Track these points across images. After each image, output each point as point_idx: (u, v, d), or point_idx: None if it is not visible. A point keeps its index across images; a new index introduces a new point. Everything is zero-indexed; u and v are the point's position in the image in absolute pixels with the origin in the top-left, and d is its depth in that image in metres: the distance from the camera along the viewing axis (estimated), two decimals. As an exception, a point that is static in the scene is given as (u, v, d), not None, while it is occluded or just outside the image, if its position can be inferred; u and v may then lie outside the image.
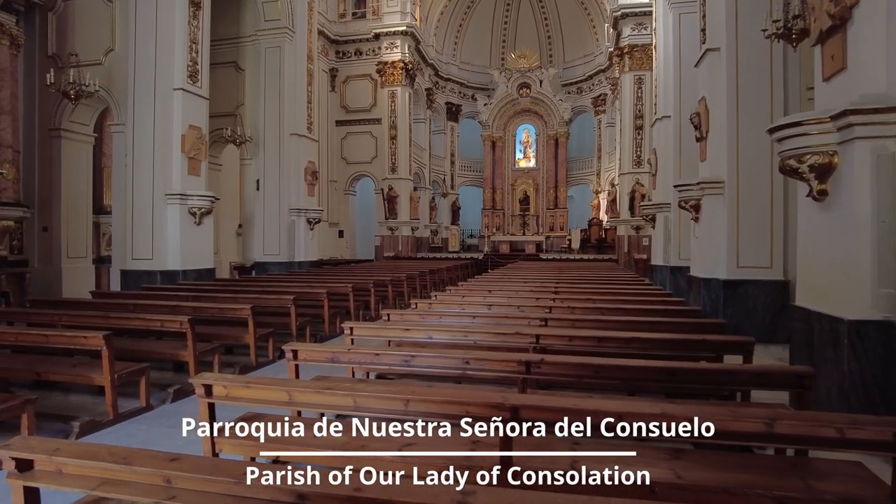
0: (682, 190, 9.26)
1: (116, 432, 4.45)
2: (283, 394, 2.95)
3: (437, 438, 3.06)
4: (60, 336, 4.62)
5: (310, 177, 15.39)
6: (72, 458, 1.98)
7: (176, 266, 10.35)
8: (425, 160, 27.43)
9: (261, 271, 14.63)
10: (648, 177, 21.30)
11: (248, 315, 6.30)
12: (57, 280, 11.77)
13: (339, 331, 8.83)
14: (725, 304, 8.27)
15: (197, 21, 10.94)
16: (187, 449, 4.07)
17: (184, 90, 10.54)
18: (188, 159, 10.61)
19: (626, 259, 21.76)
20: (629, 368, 3.56)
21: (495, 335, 4.75)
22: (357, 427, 3.22)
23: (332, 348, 3.97)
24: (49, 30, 11.65)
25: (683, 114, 12.43)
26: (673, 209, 12.77)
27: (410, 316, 6.01)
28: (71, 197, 12.04)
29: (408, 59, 23.51)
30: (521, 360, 3.62)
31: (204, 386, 3.04)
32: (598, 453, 2.93)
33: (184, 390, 5.34)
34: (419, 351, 3.89)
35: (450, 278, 15.95)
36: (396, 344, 5.21)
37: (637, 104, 21.90)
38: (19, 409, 3.82)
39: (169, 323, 5.47)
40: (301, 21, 15.24)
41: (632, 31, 21.75)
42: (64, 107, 11.64)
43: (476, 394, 2.74)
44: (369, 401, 2.83)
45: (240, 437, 3.13)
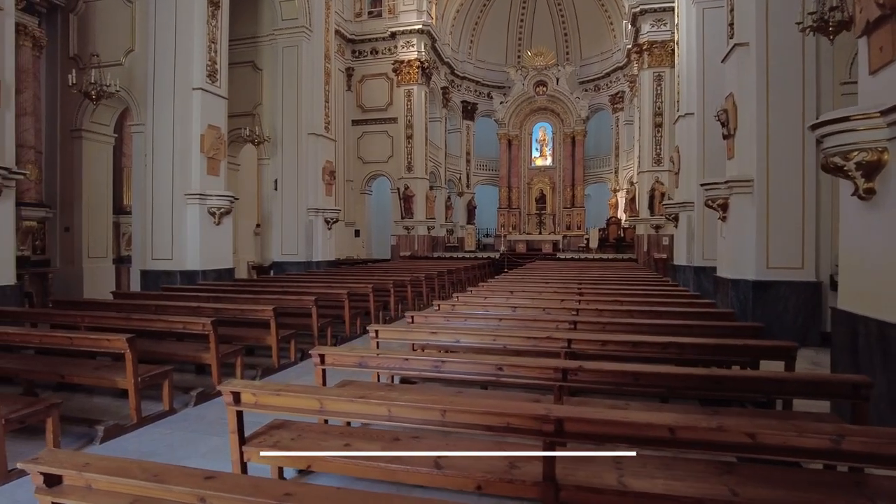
0: (709, 188, 9.03)
1: (140, 437, 4.38)
2: (314, 402, 2.84)
3: (473, 449, 2.95)
4: (84, 338, 4.56)
5: (327, 176, 15.34)
6: (102, 473, 1.88)
7: (195, 266, 10.33)
8: (441, 159, 27.32)
9: (279, 271, 14.60)
10: (669, 175, 21.01)
11: (271, 317, 6.22)
12: (78, 280, 11.82)
13: (360, 332, 8.77)
14: (755, 306, 8.06)
15: (216, 20, 10.92)
16: (213, 456, 4.01)
17: (203, 90, 10.51)
18: (207, 159, 10.59)
19: (645, 259, 21.47)
20: (672, 376, 3.41)
21: (525, 339, 4.61)
22: (390, 437, 3.13)
23: (361, 353, 3.86)
24: (70, 31, 11.69)
25: (707, 111, 12.20)
26: (697, 208, 12.53)
27: (434, 318, 5.89)
28: (92, 197, 12.09)
29: (424, 58, 23.39)
30: (558, 366, 3.48)
31: (232, 393, 2.94)
32: (645, 467, 2.79)
33: (206, 393, 5.27)
34: (449, 356, 3.76)
35: (467, 278, 15.82)
36: (421, 347, 5.10)
37: (657, 101, 21.56)
38: (44, 413, 3.75)
39: (191, 325, 5.40)
40: (318, 20, 15.18)
41: (651, 27, 21.42)
42: (85, 107, 11.69)
43: (517, 405, 2.61)
44: (404, 411, 2.71)
45: (269, 446, 3.03)
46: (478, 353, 4.51)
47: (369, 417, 2.78)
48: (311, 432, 3.22)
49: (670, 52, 21.26)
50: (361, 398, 2.72)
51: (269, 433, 3.19)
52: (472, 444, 3.04)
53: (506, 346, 4.60)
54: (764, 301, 7.97)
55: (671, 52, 21.31)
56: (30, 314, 6.66)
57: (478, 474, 2.70)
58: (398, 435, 3.14)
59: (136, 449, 4.11)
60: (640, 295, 8.07)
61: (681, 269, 13.36)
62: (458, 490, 2.78)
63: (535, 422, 2.54)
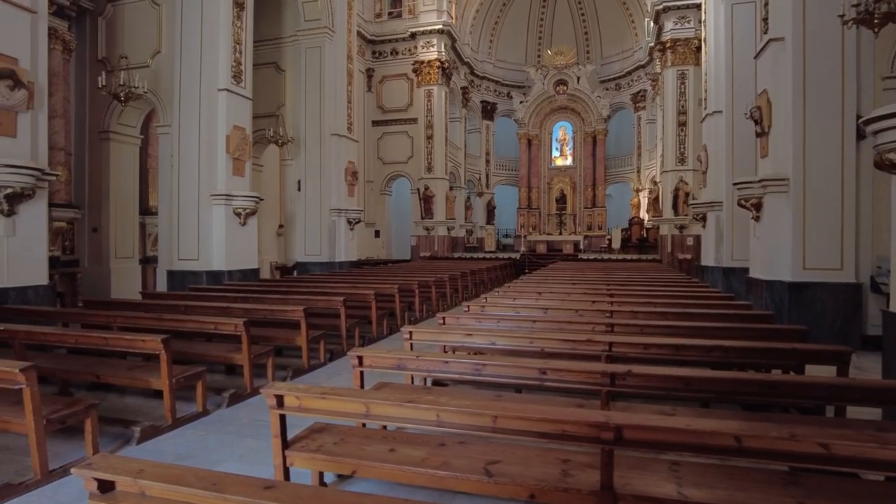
0: (742, 188, 8.82)
1: (175, 438, 4.35)
2: (360, 406, 2.77)
3: (523, 456, 2.86)
4: (119, 339, 4.55)
5: (350, 177, 15.34)
6: (157, 481, 1.82)
7: (221, 266, 10.36)
8: (460, 159, 27.24)
9: (302, 271, 14.63)
10: (694, 174, 20.70)
11: (301, 317, 6.18)
12: (106, 280, 11.94)
13: (387, 332, 8.71)
14: (790, 308, 7.84)
15: (240, 22, 10.95)
16: (250, 458, 3.96)
17: (228, 91, 10.55)
18: (233, 160, 10.62)
19: (668, 259, 21.17)
20: (725, 381, 3.28)
21: (563, 342, 4.50)
22: (434, 442, 3.04)
23: (399, 354, 3.78)
24: (99, 34, 11.82)
25: (736, 108, 11.97)
26: (725, 207, 12.30)
27: (466, 319, 5.80)
28: (119, 198, 12.21)
29: (444, 58, 23.35)
30: (606, 371, 3.37)
31: (276, 396, 2.88)
32: (704, 476, 2.67)
33: (238, 394, 5.24)
34: (490, 359, 3.67)
35: (489, 279, 15.72)
36: (452, 349, 5.02)
37: (680, 100, 21.24)
38: (83, 413, 3.74)
39: (223, 325, 5.38)
40: (341, 20, 15.19)
41: (674, 24, 21.11)
42: (112, 109, 11.80)
43: (574, 411, 2.51)
44: (454, 416, 2.62)
45: (312, 451, 2.97)
46: (515, 355, 4.41)
47: (417, 422, 2.70)
48: (354, 436, 3.15)
49: (694, 49, 20.96)
50: (410, 402, 2.64)
51: (311, 437, 3.13)
52: (520, 450, 2.94)
53: (543, 349, 4.50)
54: (800, 303, 7.75)
55: (695, 50, 21.01)
56: (62, 314, 6.71)
57: (531, 482, 2.60)
58: (443, 440, 3.06)
59: (173, 451, 4.08)
60: (671, 296, 7.90)
61: (708, 270, 13.12)
62: (510, 498, 2.69)
63: (593, 429, 2.43)
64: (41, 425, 3.46)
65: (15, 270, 7.02)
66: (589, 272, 12.85)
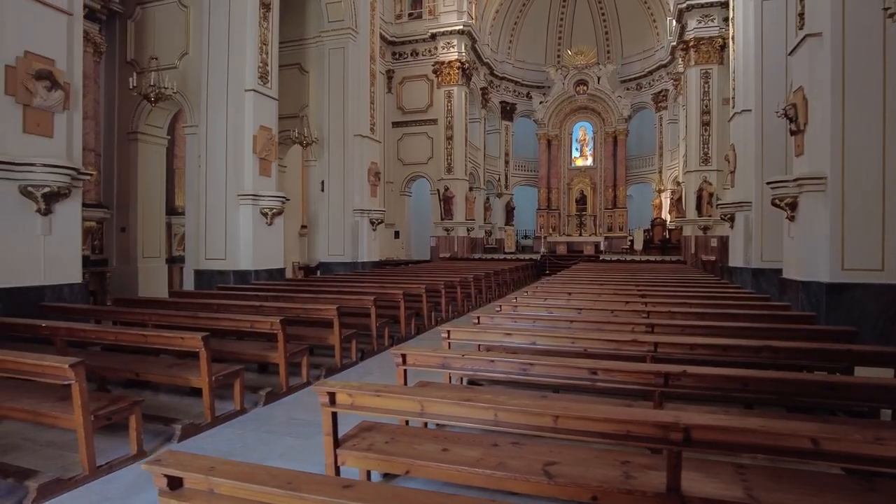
0: (776, 187, 8.63)
1: (215, 436, 4.34)
2: (414, 404, 2.72)
3: (580, 457, 2.78)
4: (159, 336, 4.55)
5: (373, 178, 15.35)
6: (228, 478, 1.79)
7: (248, 266, 10.41)
8: (480, 160, 27.18)
9: (325, 271, 14.67)
10: (717, 174, 20.43)
11: (334, 316, 6.16)
12: (133, 279, 12.07)
13: (414, 332, 8.67)
14: (829, 309, 7.64)
15: (267, 22, 11.01)
16: (291, 457, 3.93)
17: (255, 91, 10.60)
18: (259, 160, 10.67)
19: (692, 260, 20.90)
20: (786, 382, 3.17)
21: (606, 342, 4.42)
22: (487, 442, 2.98)
23: (444, 354, 3.73)
24: (128, 37, 11.97)
25: (766, 107, 11.77)
26: (755, 207, 12.08)
27: (501, 319, 5.73)
28: (146, 198, 12.34)
29: (464, 59, 23.32)
30: (660, 371, 3.28)
31: (328, 394, 2.84)
32: (773, 479, 2.58)
33: (274, 393, 5.23)
34: (538, 359, 3.60)
35: (512, 280, 15.62)
36: (487, 348, 4.96)
37: (704, 99, 21.00)
38: (128, 410, 3.74)
39: (259, 324, 5.37)
40: (364, 21, 15.23)
41: (698, 23, 20.88)
42: (141, 110, 11.94)
43: (640, 411, 2.43)
44: (514, 416, 2.56)
45: (364, 449, 2.93)
46: (555, 355, 4.34)
47: (474, 421, 2.64)
48: (404, 435, 3.10)
49: (718, 48, 20.70)
50: (468, 401, 2.58)
51: (361, 436, 3.08)
52: (575, 451, 2.87)
53: (586, 349, 4.42)
54: (839, 304, 7.55)
55: (719, 49, 20.75)
56: (97, 311, 6.77)
57: (593, 484, 2.53)
58: (495, 440, 3.00)
59: (214, 448, 4.07)
60: (706, 297, 7.77)
61: (737, 271, 12.88)
62: (570, 500, 2.62)
63: (660, 430, 2.36)
64: (89, 421, 3.46)
65: (51, 269, 7.09)
66: (615, 273, 12.70)
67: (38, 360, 3.48)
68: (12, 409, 3.72)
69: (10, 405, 3.73)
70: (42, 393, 3.94)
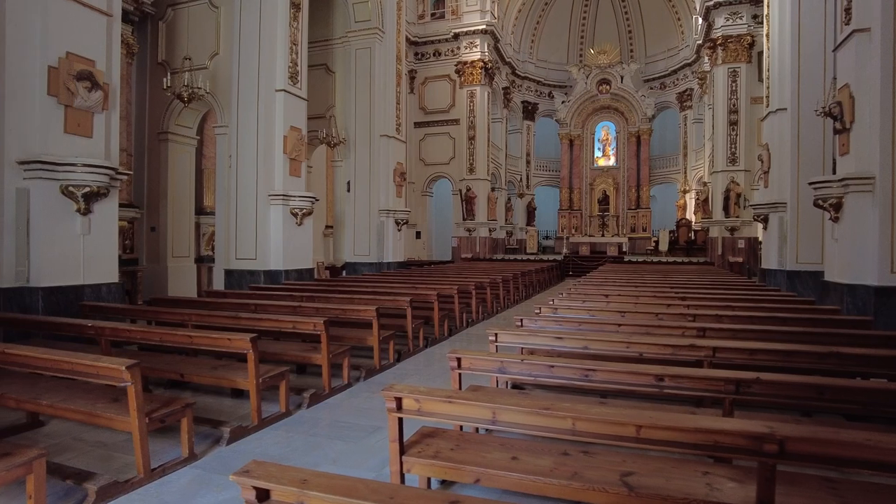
0: (819, 187, 8.39)
1: (262, 439, 4.29)
2: (486, 412, 2.63)
3: (658, 468, 2.67)
4: (206, 338, 4.51)
5: (398, 178, 15.31)
6: (323, 492, 1.71)
7: (279, 266, 10.41)
8: (501, 160, 27.04)
9: (351, 272, 14.66)
10: (745, 175, 20.08)
11: (374, 317, 6.10)
12: (163, 278, 12.15)
13: (447, 333, 8.58)
14: (878, 313, 7.40)
15: (297, 22, 11.01)
16: (344, 462, 3.86)
17: (285, 91, 10.61)
18: (289, 160, 10.67)
19: (719, 262, 20.56)
20: (867, 391, 3.03)
21: (662, 347, 4.28)
22: (557, 451, 2.89)
23: (501, 357, 3.64)
24: (159, 38, 12.06)
25: (803, 105, 11.51)
26: (790, 208, 11.80)
27: (543, 322, 5.62)
28: (176, 198, 12.42)
29: (487, 58, 23.21)
30: (731, 377, 3.15)
31: (395, 399, 2.76)
32: (870, 498, 2.45)
33: (318, 395, 5.17)
34: (601, 364, 3.49)
35: (538, 281, 15.47)
36: (530, 351, 4.86)
37: (731, 98, 20.66)
38: (180, 413, 3.70)
39: (301, 325, 5.32)
40: (390, 21, 15.20)
41: (725, 21, 20.55)
42: (171, 111, 12.02)
43: (732, 422, 2.31)
44: (594, 426, 2.46)
45: (430, 456, 2.84)
46: (607, 360, 4.22)
47: (550, 431, 2.54)
48: (468, 442, 3.01)
49: (747, 46, 20.35)
50: (546, 409, 2.49)
51: (424, 442, 3.00)
52: (651, 461, 2.76)
53: (641, 353, 4.30)
54: (890, 308, 7.31)
55: (748, 47, 20.40)
56: (136, 311, 6.78)
57: (678, 496, 2.41)
58: (565, 448, 2.90)
59: (263, 452, 4.02)
60: (748, 300, 7.58)
61: (770, 273, 12.60)
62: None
63: (752, 441, 2.24)
64: (144, 424, 3.43)
65: (90, 268, 7.13)
66: (645, 275, 12.50)
67: (94, 362, 3.46)
68: (67, 409, 3.71)
69: (65, 406, 3.72)
70: (92, 393, 3.92)
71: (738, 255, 20.33)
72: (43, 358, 3.68)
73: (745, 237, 20.50)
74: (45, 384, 4.18)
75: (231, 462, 3.81)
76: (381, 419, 4.73)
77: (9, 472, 2.72)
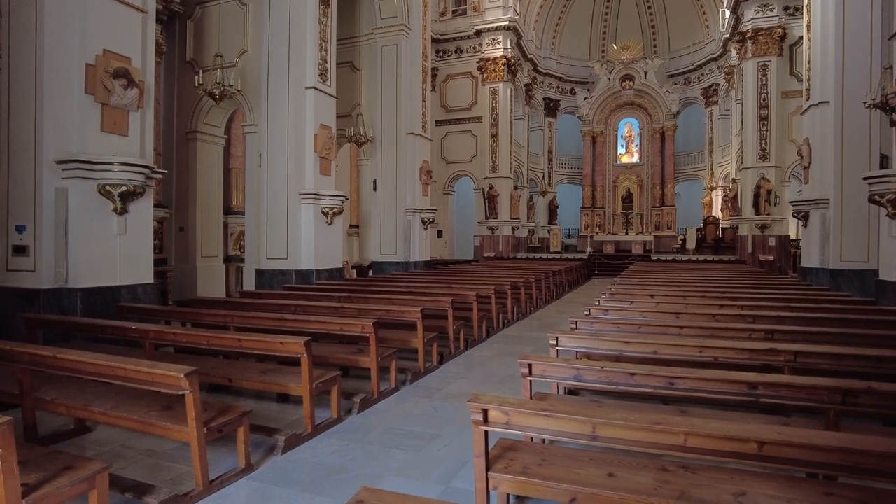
0: (876, 182, 8.05)
1: (317, 448, 4.10)
2: (585, 426, 2.41)
3: (775, 486, 2.43)
4: (257, 341, 4.35)
5: (424, 176, 15.13)
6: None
7: (310, 266, 10.28)
8: (523, 158, 26.75)
9: (377, 271, 14.51)
10: (776, 171, 19.59)
11: (418, 318, 5.92)
12: (192, 278, 12.07)
13: (485, 335, 8.37)
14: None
15: (326, 19, 10.87)
16: (409, 473, 3.64)
17: (316, 89, 10.47)
18: (320, 159, 10.53)
19: (749, 261, 20.09)
20: None
21: (738, 351, 4.03)
22: (654, 466, 2.66)
23: (578, 364, 3.42)
24: (187, 36, 11.99)
25: (848, 98, 11.12)
26: (833, 204, 11.41)
27: (599, 325, 5.37)
28: (204, 197, 12.33)
29: (510, 55, 22.94)
30: (837, 386, 2.90)
31: (483, 411, 2.56)
32: None
33: (367, 399, 4.99)
34: (686, 372, 3.25)
35: (568, 280, 15.20)
36: (586, 355, 4.62)
37: (761, 93, 20.12)
38: (237, 422, 3.54)
39: (349, 327, 5.15)
40: (416, 18, 15.01)
41: (756, 13, 20.03)
42: (200, 109, 11.94)
43: (878, 441, 2.07)
44: (709, 442, 2.23)
45: (518, 472, 2.63)
46: (677, 365, 3.98)
47: (660, 447, 2.32)
48: (555, 456, 2.79)
49: (778, 39, 19.83)
50: (657, 425, 2.26)
51: (507, 456, 2.79)
52: (762, 479, 2.52)
53: (717, 358, 4.04)
54: (956, 309, 6.95)
55: (779, 40, 19.87)
56: (173, 313, 6.66)
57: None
58: (662, 464, 2.67)
59: (321, 462, 3.83)
60: (803, 300, 7.25)
61: (811, 272, 12.20)
62: (778, 541, 2.27)
63: (904, 463, 2.00)
64: (202, 434, 3.26)
65: (126, 269, 7.03)
66: (681, 274, 12.18)
67: (150, 369, 3.29)
68: (120, 417, 3.55)
69: (118, 413, 3.56)
70: (143, 399, 3.76)
71: (769, 254, 19.85)
72: (95, 363, 3.52)
73: (776, 235, 20.01)
74: (93, 389, 4.03)
75: (289, 473, 3.64)
76: (436, 426, 4.54)
77: (72, 488, 2.57)
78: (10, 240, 6.57)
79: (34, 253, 6.48)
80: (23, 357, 3.85)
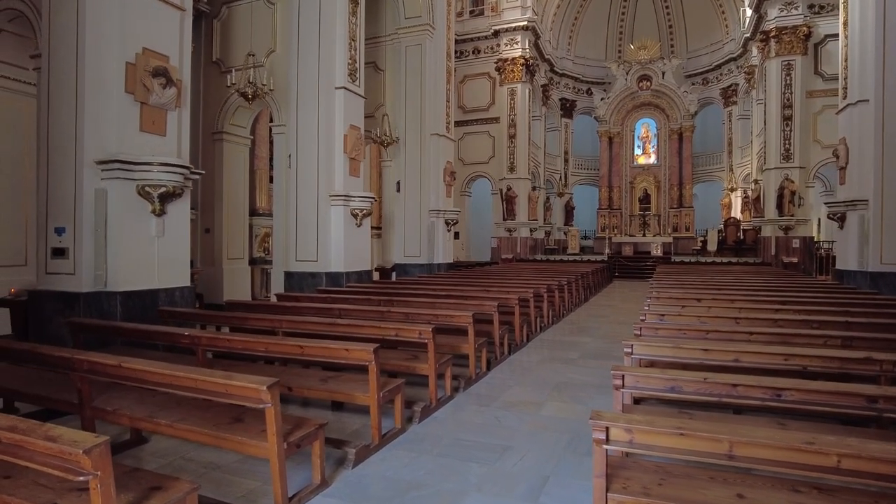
0: (929, 182, 7.81)
1: (386, 461, 3.92)
2: (721, 445, 2.22)
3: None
4: (321, 348, 4.18)
5: (448, 177, 14.96)
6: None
7: (339, 268, 10.13)
8: (540, 159, 26.55)
9: (401, 273, 14.34)
10: (799, 171, 19.28)
11: (469, 323, 5.73)
12: (219, 280, 11.94)
13: (526, 339, 8.18)
14: None
15: (355, 18, 10.72)
16: (491, 488, 3.43)
17: (345, 89, 10.32)
18: (349, 160, 10.37)
19: (773, 263, 19.80)
20: None
21: (827, 360, 3.83)
22: (786, 486, 2.47)
23: (675, 375, 3.23)
24: (214, 36, 11.87)
25: (888, 96, 10.87)
26: (873, 205, 11.15)
27: (665, 331, 5.18)
28: (230, 199, 12.20)
29: (528, 55, 22.75)
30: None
31: (604, 429, 2.37)
32: None
33: (427, 407, 4.81)
34: (793, 383, 3.06)
35: (594, 283, 14.99)
36: (650, 363, 4.43)
37: (785, 92, 19.81)
38: (313, 436, 3.36)
39: (405, 332, 4.98)
40: (441, 17, 14.85)
41: (780, 12, 19.73)
42: (226, 110, 11.82)
43: None
44: (867, 464, 2.04)
45: (639, 494, 2.45)
46: (760, 374, 3.78)
47: (813, 470, 2.13)
48: (672, 476, 2.60)
49: (802, 37, 19.53)
50: (809, 444, 2.07)
51: (622, 475, 2.60)
52: None
53: (805, 367, 3.84)
54: None
55: (803, 38, 19.57)
56: (215, 317, 6.51)
57: None
58: (794, 484, 2.48)
59: (396, 476, 3.65)
60: (854, 305, 7.01)
61: (849, 274, 11.93)
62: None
63: None
64: (283, 450, 3.09)
65: (164, 271, 6.89)
66: (713, 276, 11.94)
67: (226, 380, 3.12)
68: (189, 430, 3.39)
69: (186, 426, 3.40)
70: (209, 410, 3.60)
71: (793, 255, 19.56)
72: (163, 373, 3.36)
73: (801, 236, 19.72)
74: (154, 399, 3.88)
75: (365, 489, 3.47)
76: (504, 437, 4.36)
77: (166, 510, 2.40)
78: (50, 242, 6.44)
79: (73, 255, 6.34)
80: (83, 365, 3.71)
